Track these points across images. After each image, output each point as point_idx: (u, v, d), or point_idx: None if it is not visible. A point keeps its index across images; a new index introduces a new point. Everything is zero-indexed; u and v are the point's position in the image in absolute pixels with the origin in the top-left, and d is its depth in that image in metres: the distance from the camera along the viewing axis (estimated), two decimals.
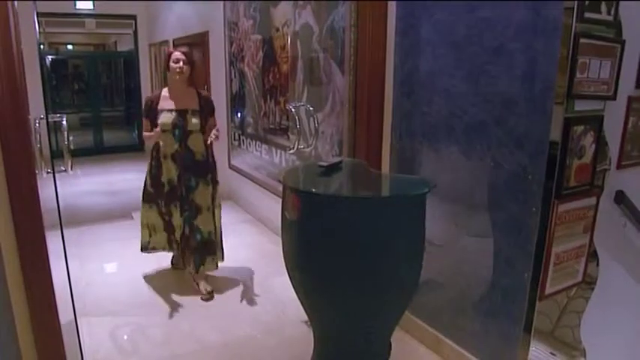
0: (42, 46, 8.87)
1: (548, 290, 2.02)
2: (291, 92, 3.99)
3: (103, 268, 4.01)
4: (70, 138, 2.66)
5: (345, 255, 1.95)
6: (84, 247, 4.30)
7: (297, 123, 3.68)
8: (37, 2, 2.47)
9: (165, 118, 3.15)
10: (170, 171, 3.24)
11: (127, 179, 7.31)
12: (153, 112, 3.21)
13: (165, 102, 3.20)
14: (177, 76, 3.16)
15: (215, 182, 3.39)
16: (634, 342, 2.55)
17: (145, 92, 9.23)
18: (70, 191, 6.27)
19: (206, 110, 3.29)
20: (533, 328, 2.07)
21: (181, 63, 3.14)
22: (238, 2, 4.81)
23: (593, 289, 2.20)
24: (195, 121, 3.20)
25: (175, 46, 3.52)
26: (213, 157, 3.36)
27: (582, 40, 1.78)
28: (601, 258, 2.16)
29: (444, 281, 2.61)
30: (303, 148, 3.66)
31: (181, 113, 3.17)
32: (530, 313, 2.06)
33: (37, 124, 2.16)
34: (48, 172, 2.24)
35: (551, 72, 1.87)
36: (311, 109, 3.55)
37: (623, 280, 2.37)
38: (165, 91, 3.25)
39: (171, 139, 3.18)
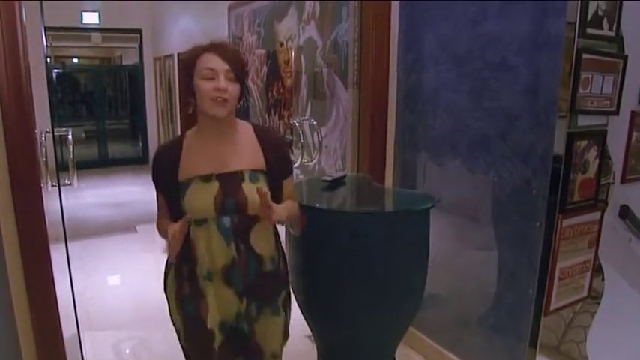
0: (48, 60, 8.97)
1: (553, 305, 2.01)
2: (294, 107, 4.01)
3: (107, 281, 4.01)
4: (75, 151, 2.68)
5: (349, 270, 1.95)
6: (88, 259, 4.30)
7: (301, 137, 3.69)
8: (45, 16, 2.50)
9: (201, 197, 1.56)
10: (225, 304, 1.63)
11: (131, 192, 7.33)
12: (171, 182, 1.60)
13: (196, 160, 1.59)
14: (221, 110, 1.51)
15: (288, 304, 1.80)
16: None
17: (150, 106, 9.32)
18: (75, 204, 6.29)
19: (278, 168, 1.67)
20: (538, 344, 2.06)
21: (226, 81, 1.50)
22: (243, 17, 4.85)
23: (598, 303, 2.19)
24: (260, 187, 1.55)
25: (206, 49, 1.51)
26: (284, 257, 1.80)
27: (585, 56, 1.79)
28: (606, 273, 2.15)
29: (449, 296, 2.60)
30: (307, 162, 3.67)
31: (231, 181, 1.57)
32: (535, 328, 2.04)
33: (44, 138, 2.17)
34: (53, 186, 2.26)
35: (554, 87, 1.88)
36: (315, 123, 3.57)
37: (629, 294, 2.35)
38: (190, 138, 1.63)
39: (217, 240, 1.57)
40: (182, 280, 1.64)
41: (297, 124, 3.77)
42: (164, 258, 1.71)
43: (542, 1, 1.93)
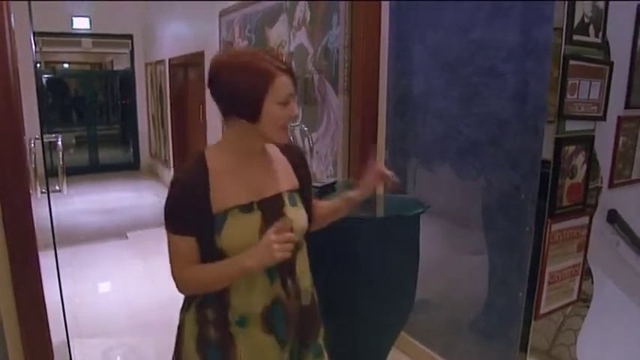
0: (38, 65, 8.92)
1: (543, 310, 2.02)
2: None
3: (97, 287, 3.98)
4: (65, 157, 2.66)
5: (340, 275, 1.95)
6: (78, 266, 4.25)
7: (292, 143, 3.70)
8: (34, 21, 2.48)
9: (244, 230, 1.30)
10: (262, 353, 1.37)
11: (122, 198, 7.30)
12: (203, 216, 1.28)
13: (230, 186, 1.31)
14: (285, 136, 1.35)
15: (327, 341, 1.57)
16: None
17: (141, 111, 9.29)
18: (65, 210, 6.24)
19: (307, 181, 1.53)
20: (529, 348, 2.06)
21: (292, 92, 1.30)
22: (234, 23, 4.86)
23: (588, 306, 2.21)
24: (301, 215, 1.42)
25: (283, 71, 1.27)
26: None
27: (572, 62, 1.81)
28: (595, 276, 2.17)
29: (440, 301, 2.61)
30: None
31: (273, 207, 1.36)
32: (525, 332, 2.05)
33: (33, 144, 2.16)
34: (42, 192, 2.24)
35: (542, 93, 1.90)
36: (305, 129, 3.57)
37: (618, 298, 2.37)
38: (216, 160, 1.32)
39: (260, 278, 1.32)
40: (205, 324, 1.35)
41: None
42: (154, 264, 1.70)
43: (529, 3, 1.95)
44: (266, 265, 1.25)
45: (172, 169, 7.57)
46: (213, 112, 5.66)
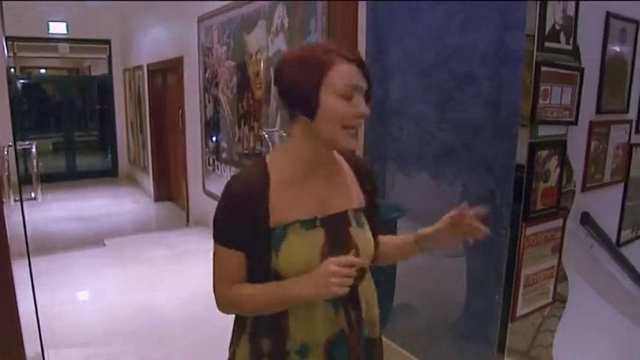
0: (13, 70, 8.76)
1: (519, 312, 2.05)
2: (264, 118, 4.02)
3: (75, 296, 3.91)
4: (40, 164, 2.62)
5: None
6: (55, 275, 4.19)
7: (271, 148, 3.70)
8: (9, 25, 2.44)
9: (305, 249, 1.14)
10: None
11: (100, 205, 7.21)
12: (258, 229, 1.13)
13: (291, 198, 1.16)
14: (354, 142, 1.14)
15: None
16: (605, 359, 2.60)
17: (120, 117, 9.19)
18: (42, 218, 6.14)
19: (375, 199, 1.34)
20: (506, 349, 2.09)
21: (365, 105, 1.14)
22: (212, 28, 4.85)
23: (565, 307, 2.24)
24: (368, 239, 1.25)
25: (345, 57, 1.09)
26: None
27: (544, 68, 1.85)
28: (570, 278, 2.21)
29: (419, 305, 2.63)
30: None
31: (337, 226, 1.20)
32: (502, 334, 2.08)
33: (6, 152, 2.12)
34: (16, 200, 2.21)
35: (516, 98, 1.93)
36: (284, 134, 3.58)
37: (592, 298, 2.41)
38: (279, 169, 1.17)
39: (323, 307, 1.16)
40: (261, 356, 1.18)
41: (267, 136, 3.77)
42: (133, 272, 1.67)
43: (502, 10, 1.99)
44: (319, 298, 1.10)
45: (152, 176, 7.50)
46: (192, 117, 5.64)
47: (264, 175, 1.15)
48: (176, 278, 4.03)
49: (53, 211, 6.67)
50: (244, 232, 1.12)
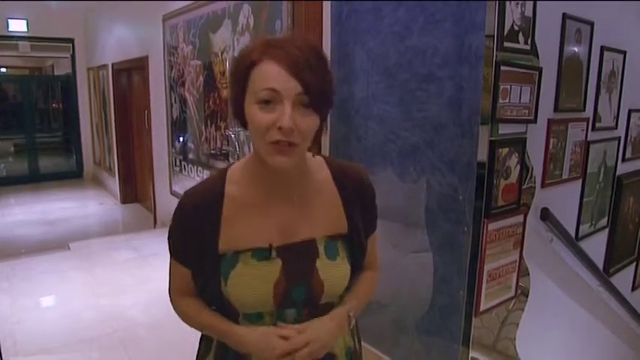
0: None
1: (483, 306, 2.09)
2: (231, 118, 3.99)
3: (39, 303, 3.78)
4: (2, 166, 2.54)
5: None
6: (16, 281, 4.05)
7: (238, 148, 3.67)
8: None
9: (254, 284, 1.01)
10: None
11: (64, 208, 7.04)
12: (205, 252, 1.03)
13: (247, 222, 1.03)
14: (284, 160, 0.93)
15: None
16: (567, 352, 2.68)
17: (84, 118, 8.98)
18: (3, 222, 5.96)
19: (363, 223, 1.15)
20: (470, 343, 2.13)
21: (294, 112, 0.89)
22: (177, 27, 4.78)
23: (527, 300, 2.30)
24: (338, 273, 1.07)
25: (265, 52, 0.90)
26: (359, 336, 1.27)
27: (503, 68, 1.89)
28: (531, 272, 2.26)
29: (386, 302, 2.65)
30: None
31: (300, 257, 1.04)
32: (467, 329, 2.12)
33: None
34: None
35: (476, 98, 1.97)
36: (248, 134, 3.56)
37: (552, 290, 2.48)
38: (237, 185, 1.04)
39: (274, 340, 1.00)
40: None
41: (232, 135, 3.74)
42: (99, 276, 1.64)
43: (462, 10, 2.02)
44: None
45: (117, 177, 7.37)
46: (158, 117, 5.55)
47: (219, 193, 1.02)
48: (142, 281, 3.98)
49: (15, 214, 6.49)
50: (191, 251, 1.04)
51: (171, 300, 1.15)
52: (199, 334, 1.18)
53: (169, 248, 1.08)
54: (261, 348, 1.00)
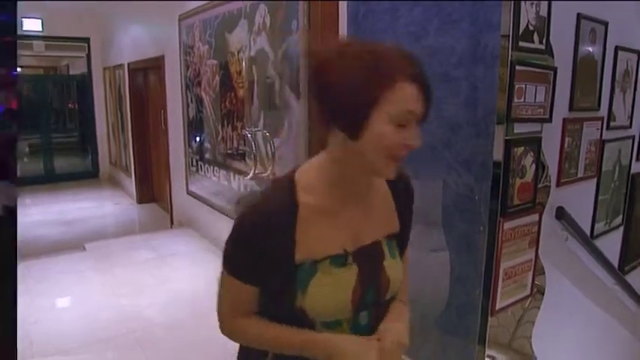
0: None
1: (499, 305, 2.10)
2: (247, 117, 4.03)
3: (55, 303, 3.81)
4: (17, 166, 2.57)
5: None
6: (33, 282, 4.08)
7: (254, 148, 3.70)
8: None
9: (336, 291, 1.00)
10: None
11: (81, 208, 7.11)
12: (281, 264, 0.98)
13: (322, 229, 1.00)
14: (394, 172, 0.97)
15: None
16: (583, 350, 2.68)
17: (100, 117, 9.06)
18: (19, 222, 6.03)
19: (409, 223, 1.22)
20: (487, 342, 2.14)
21: (417, 111, 0.92)
22: (194, 27, 4.83)
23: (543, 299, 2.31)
24: (399, 271, 1.11)
25: (407, 75, 0.89)
26: None
27: (518, 67, 1.90)
28: (547, 271, 2.27)
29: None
30: (261, 173, 3.68)
31: (370, 259, 1.06)
32: (483, 327, 2.13)
33: None
34: None
35: (492, 97, 1.98)
36: (267, 134, 3.59)
37: (568, 289, 2.49)
38: (310, 192, 1.00)
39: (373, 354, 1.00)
40: None
41: (249, 135, 3.78)
42: (115, 276, 1.66)
43: (477, 11, 2.03)
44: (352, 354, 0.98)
45: (134, 177, 7.44)
46: (174, 117, 5.61)
47: (292, 203, 0.97)
48: (160, 282, 4.01)
49: (32, 215, 6.56)
50: (262, 267, 0.98)
51: (221, 321, 1.08)
52: (217, 333, 1.12)
53: (228, 268, 1.02)
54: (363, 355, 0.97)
